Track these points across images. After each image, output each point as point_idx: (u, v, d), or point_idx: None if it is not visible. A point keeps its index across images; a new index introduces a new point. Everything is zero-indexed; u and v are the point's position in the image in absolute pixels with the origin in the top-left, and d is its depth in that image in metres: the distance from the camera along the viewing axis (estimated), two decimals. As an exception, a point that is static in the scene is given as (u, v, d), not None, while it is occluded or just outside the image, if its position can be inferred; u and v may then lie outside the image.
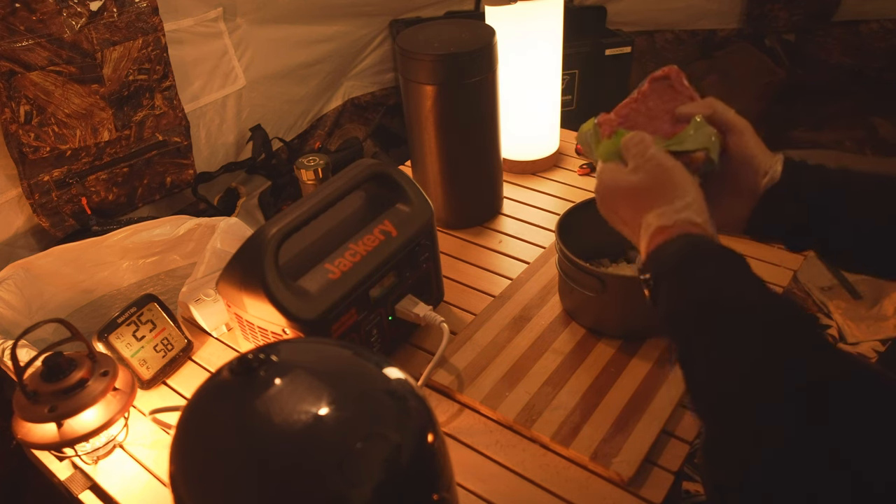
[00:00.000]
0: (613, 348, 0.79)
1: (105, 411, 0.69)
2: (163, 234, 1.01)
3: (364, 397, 0.48)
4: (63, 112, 1.26)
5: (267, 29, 1.73)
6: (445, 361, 0.79)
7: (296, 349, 0.52)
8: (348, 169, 0.79)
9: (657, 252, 0.54)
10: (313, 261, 0.74)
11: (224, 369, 0.49)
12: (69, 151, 1.29)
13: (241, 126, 1.73)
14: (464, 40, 0.92)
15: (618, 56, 1.95)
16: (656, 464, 0.67)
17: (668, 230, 0.53)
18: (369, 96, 2.15)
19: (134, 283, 1.04)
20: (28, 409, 0.66)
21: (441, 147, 0.98)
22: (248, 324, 0.74)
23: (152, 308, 0.81)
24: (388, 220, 0.79)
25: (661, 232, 0.54)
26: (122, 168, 1.39)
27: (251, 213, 1.67)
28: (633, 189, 0.57)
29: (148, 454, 0.74)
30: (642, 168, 0.56)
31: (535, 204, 1.09)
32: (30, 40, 1.18)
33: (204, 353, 0.87)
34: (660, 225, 0.54)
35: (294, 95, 1.88)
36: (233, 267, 0.72)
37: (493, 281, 0.94)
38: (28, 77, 1.19)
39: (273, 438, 0.44)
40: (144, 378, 0.80)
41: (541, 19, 1.03)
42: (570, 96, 1.96)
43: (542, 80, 1.09)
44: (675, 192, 0.55)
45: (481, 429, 0.73)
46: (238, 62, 1.68)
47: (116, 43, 1.29)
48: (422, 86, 0.93)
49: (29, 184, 1.26)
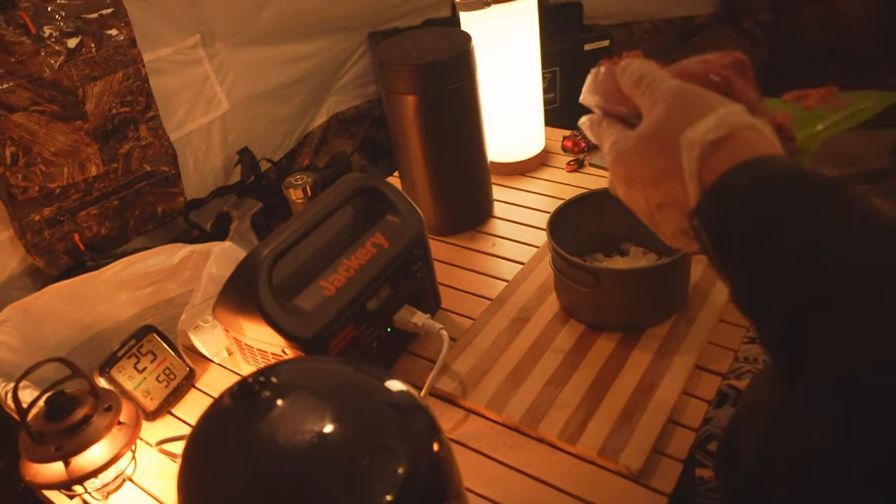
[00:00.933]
0: (614, 342, 0.79)
1: (111, 446, 0.69)
2: (158, 263, 1.01)
3: (367, 412, 0.48)
4: (49, 150, 1.26)
5: (246, 51, 1.74)
6: (447, 368, 0.79)
7: (296, 369, 0.53)
8: (336, 185, 0.79)
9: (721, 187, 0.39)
10: (307, 279, 0.74)
11: (225, 395, 0.49)
12: (58, 189, 1.29)
13: (228, 150, 1.74)
14: (441, 48, 0.92)
15: (597, 50, 1.96)
16: (664, 454, 0.67)
17: (725, 145, 0.39)
18: (353, 110, 2.16)
19: (133, 315, 1.04)
20: (34, 450, 0.66)
21: (426, 155, 0.98)
22: (248, 347, 0.75)
23: (152, 339, 0.81)
24: (379, 233, 0.79)
25: (717, 150, 0.40)
26: (112, 201, 1.39)
27: (245, 235, 1.67)
28: (657, 126, 0.43)
29: (158, 485, 0.74)
30: (661, 99, 0.44)
31: (525, 204, 1.10)
32: (10, 82, 1.18)
33: (207, 379, 0.87)
34: (711, 139, 0.40)
35: (278, 115, 1.89)
36: (227, 291, 0.72)
37: (489, 284, 0.94)
38: (11, 119, 1.20)
39: (278, 460, 0.44)
40: (149, 409, 0.80)
41: (516, 20, 1.04)
42: (552, 94, 1.97)
43: (523, 81, 1.10)
44: (713, 103, 0.42)
45: (487, 432, 0.73)
46: (220, 87, 1.68)
47: (97, 78, 1.30)
48: (402, 96, 0.93)
49: (20, 224, 1.26)
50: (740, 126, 0.40)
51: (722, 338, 0.78)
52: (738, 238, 0.38)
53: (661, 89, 0.44)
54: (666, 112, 0.43)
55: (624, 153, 0.46)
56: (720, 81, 0.47)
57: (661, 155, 0.43)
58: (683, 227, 0.44)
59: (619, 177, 0.47)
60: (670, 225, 0.45)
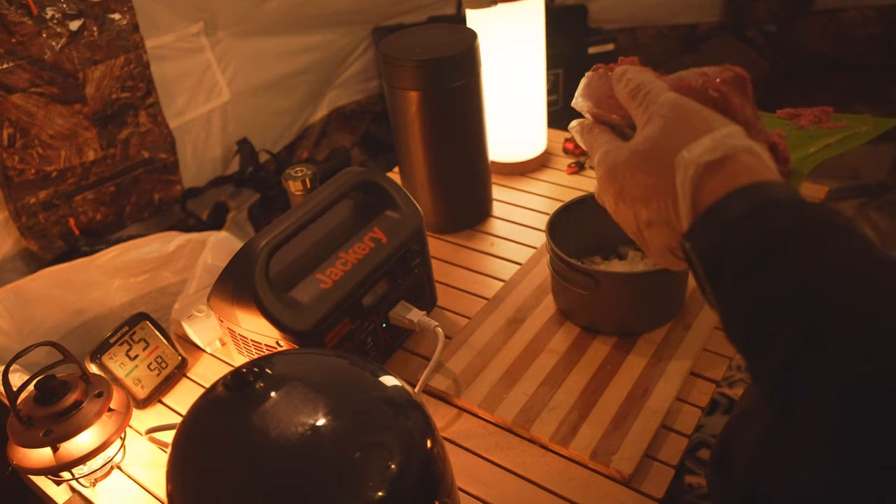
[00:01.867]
0: (609, 346, 0.79)
1: (101, 433, 0.68)
2: (153, 251, 1.01)
3: (361, 407, 0.48)
4: (47, 133, 1.25)
5: (249, 41, 1.73)
6: (442, 366, 0.79)
7: (290, 361, 0.52)
8: (335, 178, 0.79)
9: (716, 211, 0.38)
10: (304, 271, 0.73)
11: (218, 384, 0.48)
12: (55, 173, 1.29)
13: (228, 140, 1.73)
14: (445, 45, 0.92)
15: (601, 54, 1.96)
16: (656, 459, 0.67)
17: (722, 169, 0.38)
18: (355, 104, 2.15)
19: (125, 302, 1.03)
20: (23, 435, 0.66)
21: (428, 152, 0.98)
22: (242, 338, 0.74)
23: (145, 326, 0.80)
24: (377, 228, 0.79)
25: (713, 173, 0.38)
26: (108, 187, 1.38)
27: (241, 226, 1.67)
28: (652, 142, 0.42)
29: (146, 474, 0.73)
30: (657, 114, 0.43)
31: (524, 205, 1.09)
32: (10, 63, 1.17)
33: (198, 369, 0.86)
34: (708, 160, 0.38)
35: (279, 107, 1.88)
36: (223, 281, 0.72)
37: (486, 283, 0.94)
38: (10, 100, 1.19)
39: (270, 452, 0.44)
40: (139, 397, 0.79)
41: (522, 20, 1.04)
42: (555, 96, 1.96)
43: (527, 81, 1.09)
44: (711, 123, 0.40)
45: (480, 432, 0.72)
46: (221, 76, 1.68)
47: (98, 62, 1.29)
48: (405, 92, 0.93)
49: (15, 207, 1.25)
50: (738, 149, 0.39)
51: (717, 345, 0.78)
52: (732, 264, 0.37)
53: (659, 103, 0.43)
54: (662, 129, 0.42)
55: (615, 168, 0.45)
56: (718, 97, 0.46)
57: (653, 173, 0.42)
58: (672, 246, 0.43)
59: (608, 190, 0.46)
60: (658, 243, 0.44)
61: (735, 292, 0.37)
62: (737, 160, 0.39)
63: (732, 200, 0.37)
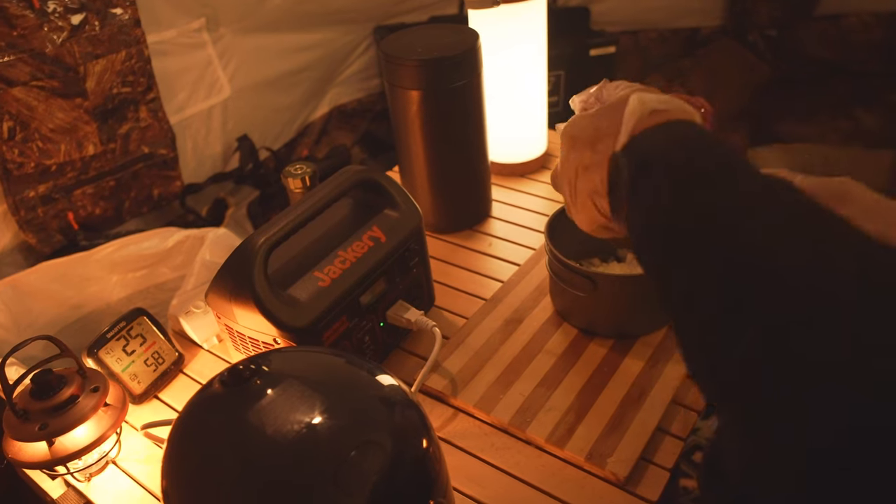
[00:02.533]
0: (606, 348, 0.79)
1: (96, 427, 0.68)
2: (151, 246, 1.01)
3: (357, 405, 0.48)
4: (47, 127, 1.25)
5: (251, 38, 1.73)
6: (438, 366, 0.79)
7: (287, 358, 0.52)
8: (335, 176, 0.79)
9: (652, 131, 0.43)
10: (302, 269, 0.73)
11: (215, 380, 0.48)
12: (54, 166, 1.28)
13: (228, 136, 1.73)
14: (447, 44, 0.92)
15: (602, 56, 1.96)
16: (652, 461, 0.67)
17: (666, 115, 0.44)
18: (355, 103, 2.15)
19: (123, 297, 1.03)
20: (18, 428, 0.66)
21: (428, 151, 0.98)
22: (239, 335, 0.74)
23: (142, 322, 0.80)
24: (376, 226, 0.79)
25: (656, 117, 0.44)
26: (108, 182, 1.38)
27: (240, 223, 1.67)
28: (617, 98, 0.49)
29: (141, 469, 0.73)
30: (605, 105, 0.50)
31: (524, 206, 1.09)
32: (11, 56, 1.17)
33: (195, 365, 0.86)
34: (657, 108, 0.44)
35: (280, 104, 1.88)
36: (222, 278, 0.72)
37: (483, 284, 0.94)
38: (10, 93, 1.19)
39: (266, 449, 0.44)
40: (136, 392, 0.79)
41: (524, 21, 1.04)
42: (556, 97, 1.96)
43: (528, 82, 1.09)
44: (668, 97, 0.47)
45: (476, 432, 0.72)
46: (223, 72, 1.68)
47: (99, 56, 1.29)
48: (407, 91, 0.93)
49: (14, 200, 1.25)
50: (683, 108, 0.44)
51: (714, 349, 0.78)
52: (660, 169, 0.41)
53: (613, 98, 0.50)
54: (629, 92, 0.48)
55: (579, 117, 0.51)
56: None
57: (607, 116, 0.47)
58: (599, 189, 0.48)
59: (566, 140, 0.51)
60: (588, 187, 0.49)
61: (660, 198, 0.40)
62: (679, 111, 0.44)
63: (669, 125, 0.43)
